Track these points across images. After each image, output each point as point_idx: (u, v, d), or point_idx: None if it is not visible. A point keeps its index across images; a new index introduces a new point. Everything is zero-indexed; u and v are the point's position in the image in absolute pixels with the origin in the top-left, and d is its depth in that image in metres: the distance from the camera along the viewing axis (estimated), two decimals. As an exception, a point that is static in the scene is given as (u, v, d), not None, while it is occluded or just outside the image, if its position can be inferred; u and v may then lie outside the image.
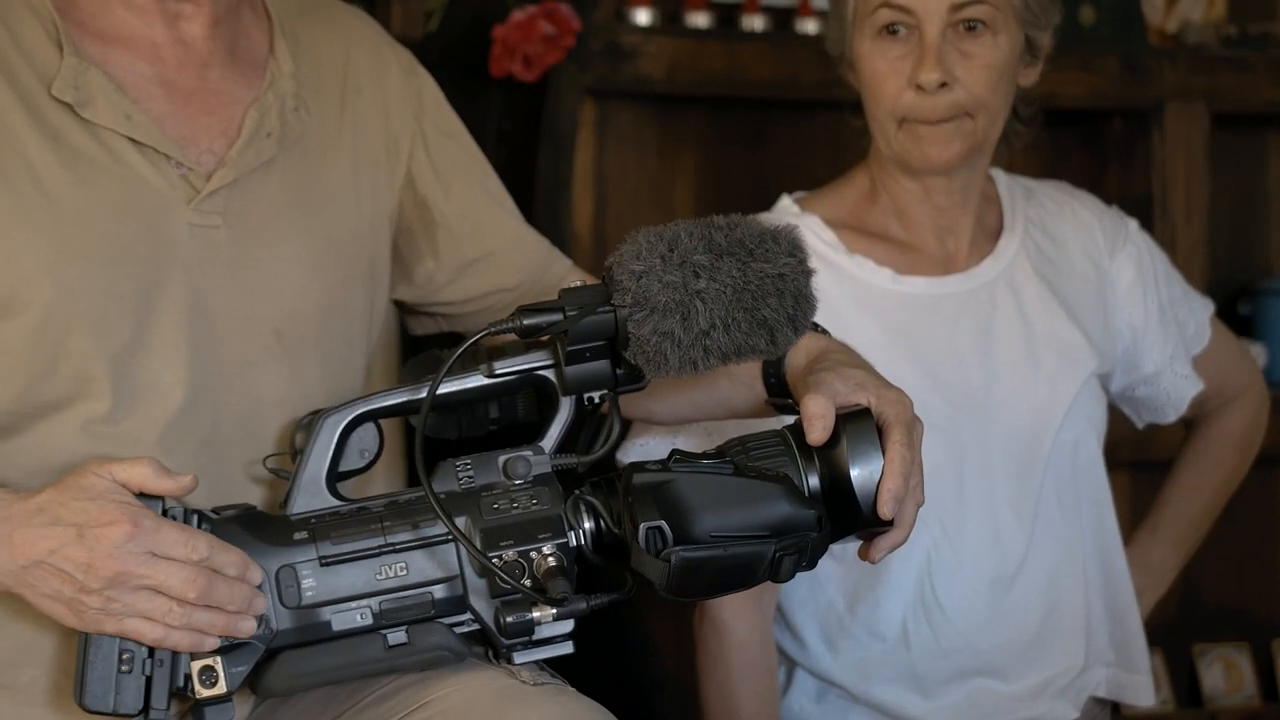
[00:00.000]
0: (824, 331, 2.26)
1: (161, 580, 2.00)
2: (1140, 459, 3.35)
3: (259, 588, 2.06)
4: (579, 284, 2.09)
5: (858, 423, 2.10)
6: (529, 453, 2.13)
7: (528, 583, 2.06)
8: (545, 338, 2.13)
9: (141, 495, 2.04)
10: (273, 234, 2.27)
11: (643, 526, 2.01)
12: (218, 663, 2.04)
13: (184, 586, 2.00)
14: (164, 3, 2.24)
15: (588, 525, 2.10)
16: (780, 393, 2.25)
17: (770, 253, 2.04)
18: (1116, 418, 2.87)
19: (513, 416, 2.25)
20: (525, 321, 2.07)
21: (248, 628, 2.04)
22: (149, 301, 2.19)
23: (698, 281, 2.01)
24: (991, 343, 2.69)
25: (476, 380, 2.14)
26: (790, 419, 2.17)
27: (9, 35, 2.21)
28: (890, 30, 2.60)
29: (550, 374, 2.14)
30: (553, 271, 2.48)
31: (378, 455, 2.18)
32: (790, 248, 2.05)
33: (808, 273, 2.06)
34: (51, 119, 2.19)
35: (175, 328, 2.20)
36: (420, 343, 2.52)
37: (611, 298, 2.04)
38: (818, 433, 2.08)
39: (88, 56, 2.21)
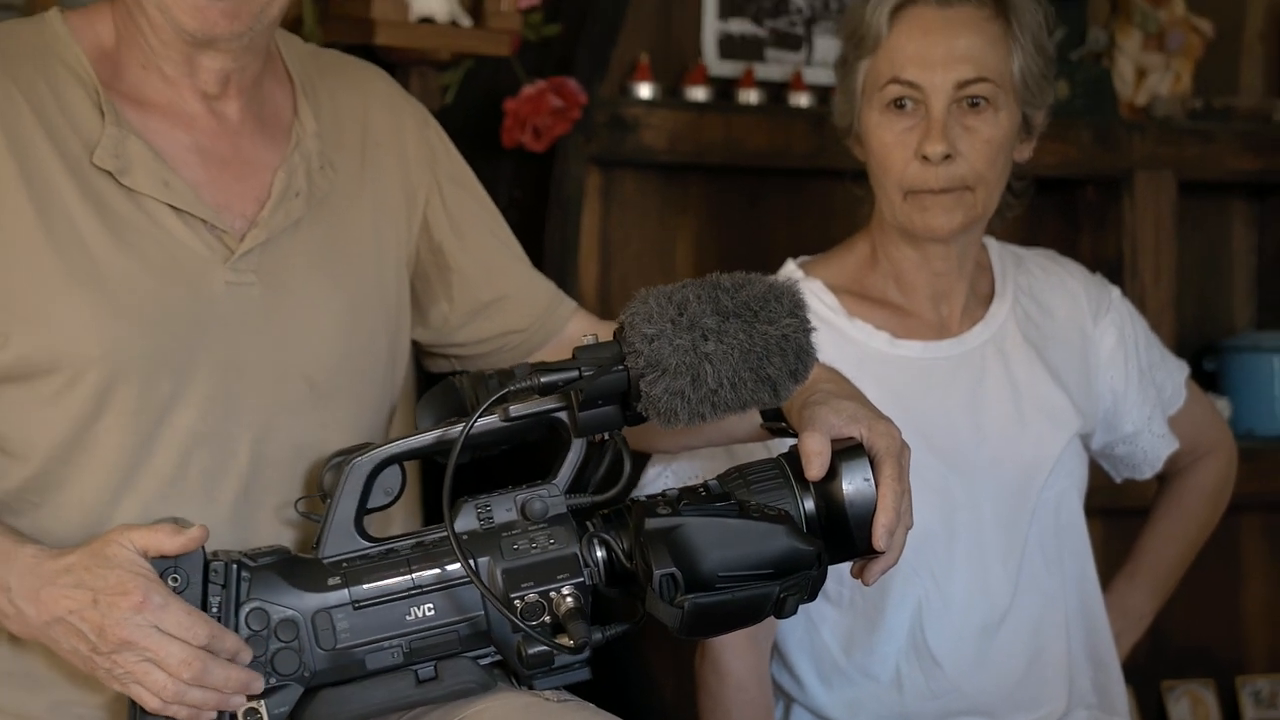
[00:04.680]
0: None
1: (161, 656, 2.02)
2: (1113, 507, 3.34)
3: (273, 643, 2.07)
4: (593, 338, 2.09)
5: (852, 458, 2.11)
6: (544, 491, 2.13)
7: (548, 619, 2.06)
8: None
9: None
10: (303, 288, 2.26)
11: (657, 574, 2.01)
12: (262, 705, 2.06)
13: (180, 666, 2.02)
14: (196, 80, 2.23)
15: (600, 555, 2.10)
16: (774, 417, 2.24)
17: (774, 313, 2.03)
18: (1091, 468, 2.87)
19: (522, 441, 2.22)
20: (543, 379, 2.07)
21: (238, 703, 2.06)
22: (189, 356, 2.18)
23: (706, 344, 2.00)
24: (981, 404, 2.70)
25: (494, 423, 2.12)
26: (784, 443, 2.19)
27: (56, 102, 2.19)
28: (898, 104, 2.61)
29: (563, 415, 2.13)
30: (559, 314, 2.47)
31: (400, 493, 2.18)
32: (792, 307, 2.05)
33: (809, 330, 2.06)
34: (95, 185, 2.17)
35: (213, 380, 2.19)
36: (433, 376, 2.50)
37: (625, 358, 2.03)
38: (816, 469, 2.10)
39: (128, 125, 2.20)
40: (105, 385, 2.15)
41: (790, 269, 2.75)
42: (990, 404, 2.70)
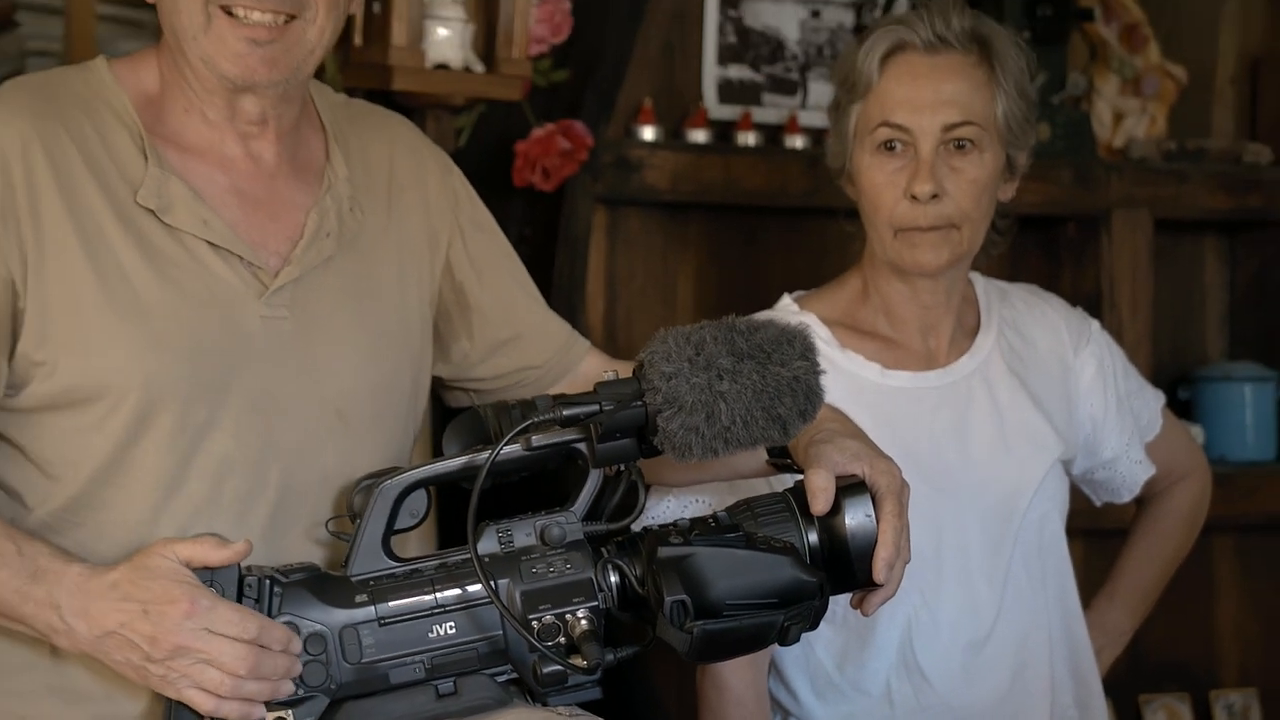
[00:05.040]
0: None
1: (215, 655, 2.03)
2: (1093, 528, 3.35)
3: (308, 650, 2.08)
4: (613, 374, 2.10)
5: (854, 495, 2.13)
6: (562, 518, 2.13)
7: (563, 640, 2.07)
8: None
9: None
10: (333, 323, 2.27)
11: (668, 600, 2.02)
12: (289, 715, 2.07)
13: (235, 663, 2.03)
14: (236, 124, 2.25)
15: (614, 580, 2.11)
16: (779, 453, 2.25)
17: (786, 356, 2.04)
18: (1072, 492, 2.86)
19: (541, 468, 2.23)
20: (565, 412, 2.08)
21: (287, 690, 2.06)
22: (225, 385, 2.19)
23: (721, 383, 2.01)
24: (968, 431, 2.69)
25: (517, 452, 2.12)
26: (789, 478, 2.20)
27: (102, 144, 2.20)
28: (888, 146, 2.61)
29: (582, 446, 2.13)
30: (574, 351, 2.47)
31: (426, 515, 2.18)
32: (803, 350, 2.06)
33: (818, 373, 2.07)
34: (138, 223, 2.18)
35: (248, 408, 2.20)
36: (451, 411, 2.49)
37: (643, 394, 2.04)
38: (820, 505, 2.11)
39: (169, 166, 2.21)
40: (145, 411, 2.16)
41: (786, 303, 2.75)
42: (976, 431, 2.69)
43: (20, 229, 2.14)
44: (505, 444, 2.09)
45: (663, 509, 2.62)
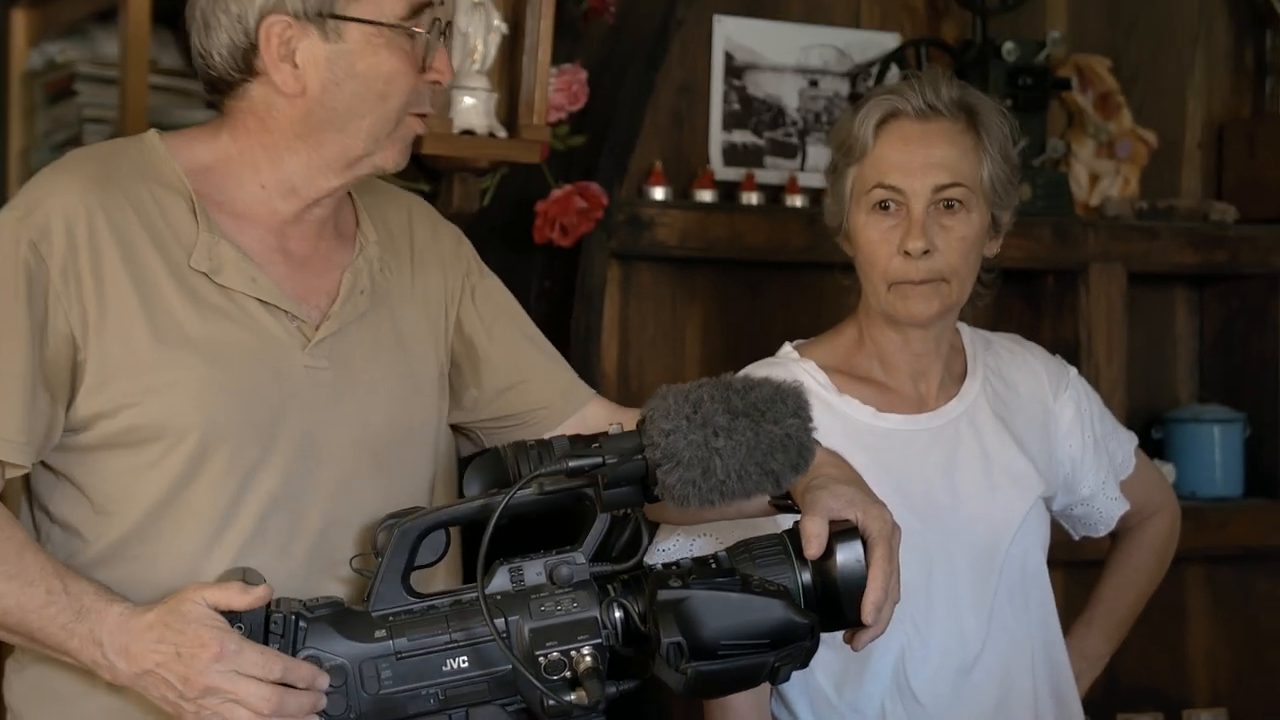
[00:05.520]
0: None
1: (243, 696, 2.03)
2: (1072, 559, 3.33)
3: (334, 680, 2.08)
4: (618, 428, 2.09)
5: (846, 540, 2.11)
6: (570, 558, 2.12)
7: (568, 675, 2.06)
8: None
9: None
10: (367, 373, 2.29)
11: (664, 641, 2.01)
12: None
13: (261, 703, 2.03)
14: (291, 201, 2.29)
15: (618, 617, 2.10)
16: (781, 494, 2.22)
17: (779, 414, 2.03)
18: (1053, 527, 2.85)
19: (552, 509, 2.22)
20: (571, 464, 2.07)
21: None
22: (272, 429, 2.21)
23: (717, 440, 2.00)
24: (955, 470, 2.69)
25: (530, 496, 2.12)
26: (788, 519, 2.18)
27: (158, 210, 2.23)
28: (883, 206, 2.62)
29: (590, 492, 2.13)
30: (576, 396, 2.48)
31: (444, 553, 2.18)
32: (795, 408, 2.05)
33: (810, 429, 2.06)
34: (192, 282, 2.21)
35: (292, 450, 2.22)
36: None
37: (644, 449, 2.03)
38: (814, 549, 2.10)
39: (220, 230, 2.24)
40: (200, 451, 2.18)
41: (787, 351, 2.75)
42: (964, 470, 2.69)
43: (81, 287, 2.17)
44: (517, 490, 2.08)
45: (671, 544, 2.64)
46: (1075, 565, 3.36)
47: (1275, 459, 3.76)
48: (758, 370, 2.61)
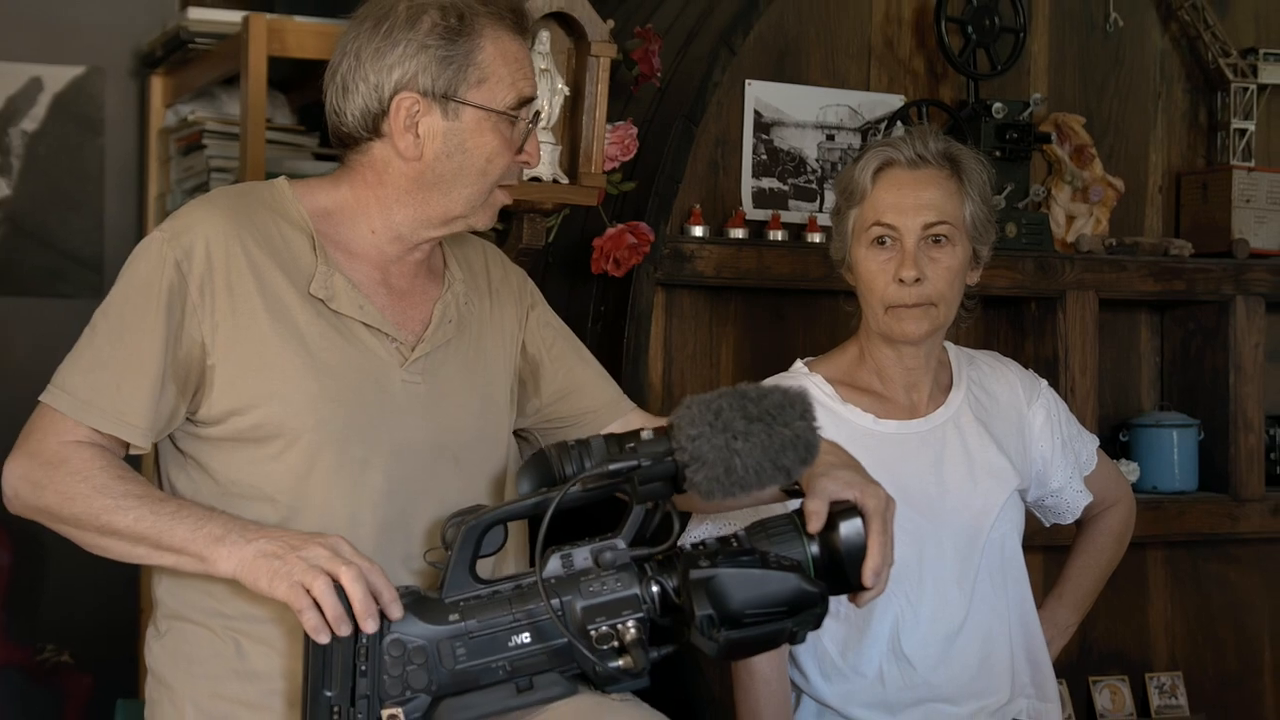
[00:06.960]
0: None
1: (343, 550, 2.05)
2: (1049, 544, 3.32)
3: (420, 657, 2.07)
4: (650, 434, 2.09)
5: (847, 516, 2.13)
6: (613, 544, 2.11)
7: (615, 644, 2.06)
8: None
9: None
10: (454, 388, 2.30)
11: (698, 615, 2.01)
12: (400, 712, 2.05)
13: (355, 555, 2.05)
14: (396, 245, 2.30)
15: (655, 592, 2.09)
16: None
17: (789, 418, 2.05)
18: (1031, 518, 2.86)
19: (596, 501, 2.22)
20: (610, 467, 2.07)
21: (397, 612, 2.05)
22: (375, 433, 2.21)
23: (736, 443, 2.02)
24: (943, 467, 2.68)
25: (576, 492, 2.11)
26: (797, 501, 2.19)
27: (284, 243, 2.24)
28: (880, 241, 2.62)
29: (626, 488, 2.12)
30: (620, 407, 2.49)
31: (504, 544, 2.18)
32: (802, 412, 2.06)
33: (815, 429, 2.07)
34: (311, 305, 2.23)
35: (392, 453, 2.22)
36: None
37: (673, 452, 2.04)
38: (814, 525, 2.12)
39: (334, 263, 2.25)
40: (315, 449, 2.18)
41: (798, 366, 2.77)
42: (950, 467, 2.68)
43: (215, 300, 2.18)
44: (568, 489, 2.08)
45: (701, 530, 2.64)
46: (1053, 549, 3.35)
47: (1225, 459, 3.73)
48: (771, 382, 2.61)
